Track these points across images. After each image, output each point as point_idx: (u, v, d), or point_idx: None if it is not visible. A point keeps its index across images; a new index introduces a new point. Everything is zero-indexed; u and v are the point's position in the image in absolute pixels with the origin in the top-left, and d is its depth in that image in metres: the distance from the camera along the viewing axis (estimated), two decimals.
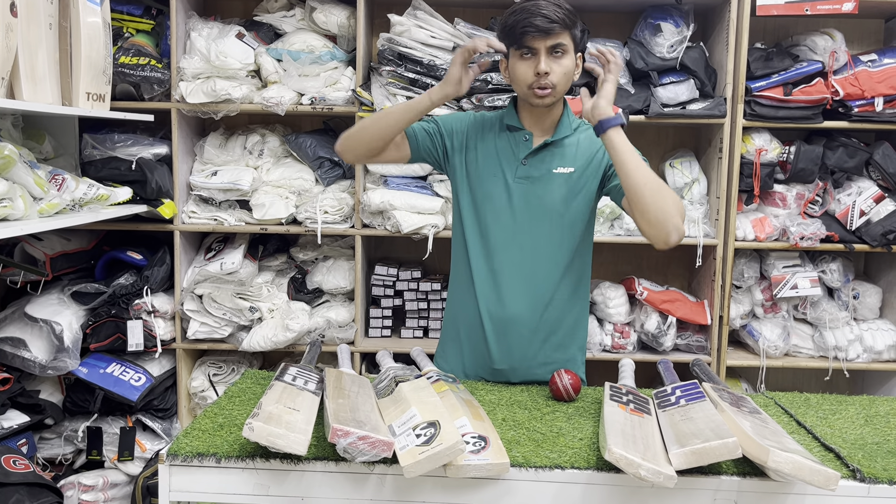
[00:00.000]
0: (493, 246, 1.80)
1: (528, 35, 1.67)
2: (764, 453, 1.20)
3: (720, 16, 2.82)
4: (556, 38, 1.68)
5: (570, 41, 1.72)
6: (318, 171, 2.81)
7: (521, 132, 1.80)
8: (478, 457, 1.26)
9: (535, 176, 1.78)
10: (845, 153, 2.81)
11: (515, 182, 1.78)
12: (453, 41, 2.70)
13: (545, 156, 1.79)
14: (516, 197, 1.78)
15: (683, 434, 1.30)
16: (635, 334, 2.89)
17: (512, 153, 1.80)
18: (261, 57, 2.74)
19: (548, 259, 1.80)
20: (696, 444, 1.23)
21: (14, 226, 1.92)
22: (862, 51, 2.95)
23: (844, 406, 1.71)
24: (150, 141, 2.75)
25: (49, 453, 2.70)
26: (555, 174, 1.78)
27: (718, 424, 1.30)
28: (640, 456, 1.21)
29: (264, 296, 2.81)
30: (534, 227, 1.78)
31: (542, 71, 1.68)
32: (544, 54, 1.68)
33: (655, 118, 2.74)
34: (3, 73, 1.97)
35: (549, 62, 1.69)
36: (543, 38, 1.67)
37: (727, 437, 1.22)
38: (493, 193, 1.79)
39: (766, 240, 2.81)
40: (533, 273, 1.79)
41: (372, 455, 1.23)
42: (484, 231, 1.81)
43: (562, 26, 1.67)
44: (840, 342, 2.87)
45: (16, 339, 2.53)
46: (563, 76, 1.72)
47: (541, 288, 1.80)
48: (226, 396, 1.64)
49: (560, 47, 1.69)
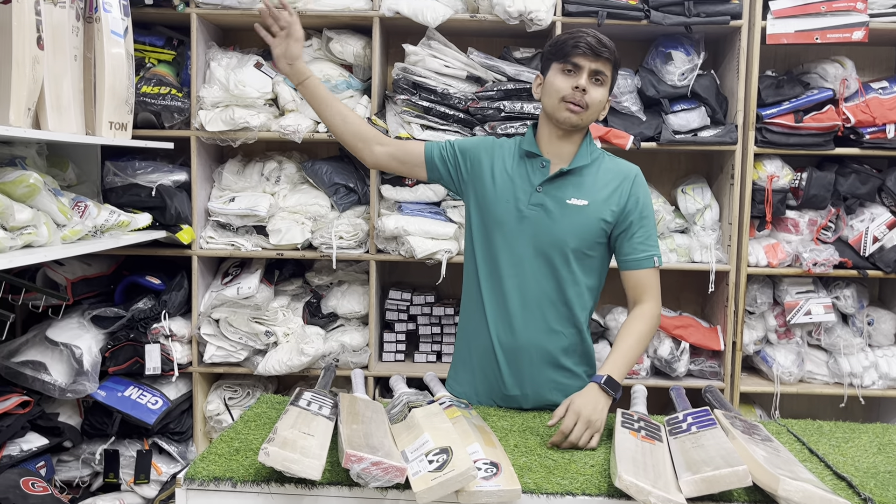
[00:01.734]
0: (503, 272, 1.82)
1: (577, 51, 1.73)
2: (774, 482, 1.21)
3: (731, 44, 2.85)
4: (601, 65, 1.74)
5: (610, 74, 1.77)
6: (334, 197, 2.85)
7: (539, 158, 1.81)
8: (490, 483, 1.28)
9: (548, 205, 1.78)
10: (858, 179, 2.82)
11: (528, 209, 1.79)
12: (467, 70, 2.75)
13: (561, 184, 1.79)
14: (528, 224, 1.79)
15: (694, 461, 1.31)
16: (648, 360, 2.89)
17: (528, 179, 1.80)
18: (278, 86, 2.80)
19: (557, 290, 1.80)
20: (707, 471, 1.24)
21: (38, 252, 1.97)
22: (873, 78, 2.96)
23: (857, 434, 1.71)
24: (170, 168, 2.80)
25: (67, 476, 2.72)
26: (568, 205, 1.78)
27: (729, 452, 1.31)
28: (650, 483, 1.22)
29: (280, 320, 2.84)
30: (543, 255, 1.79)
31: (582, 86, 1.72)
32: (586, 74, 1.73)
33: (667, 145, 2.77)
34: (30, 104, 2.03)
35: (588, 83, 1.74)
36: (591, 59, 1.73)
37: (737, 465, 1.23)
38: (505, 219, 1.80)
39: (779, 266, 2.81)
40: (543, 300, 1.81)
41: (385, 481, 1.25)
42: (494, 256, 1.82)
43: (610, 55, 1.75)
44: (855, 369, 2.86)
45: (37, 363, 2.57)
46: (597, 102, 1.76)
47: (551, 315, 1.81)
48: (242, 421, 1.67)
49: (601, 75, 1.75)
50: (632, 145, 2.73)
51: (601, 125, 2.76)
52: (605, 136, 2.73)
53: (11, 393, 2.44)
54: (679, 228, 2.95)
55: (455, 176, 1.89)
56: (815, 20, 2.70)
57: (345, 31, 2.85)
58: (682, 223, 2.95)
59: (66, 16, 2.21)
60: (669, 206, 2.93)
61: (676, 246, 2.87)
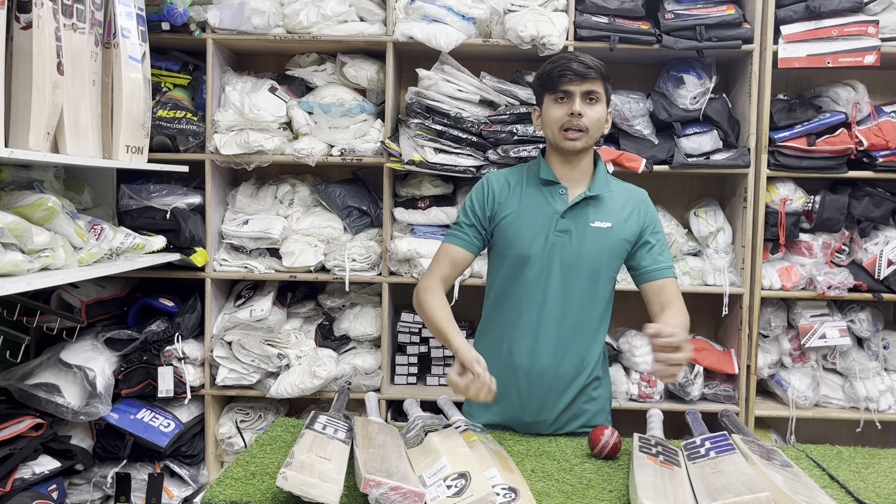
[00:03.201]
0: (528, 300, 1.81)
1: (564, 79, 1.74)
2: None
3: (742, 68, 2.86)
4: (590, 85, 1.75)
5: (603, 91, 1.78)
6: (347, 220, 2.87)
7: (557, 186, 1.82)
8: None
9: (573, 230, 1.79)
10: (871, 203, 2.81)
11: (554, 235, 1.79)
12: (480, 94, 2.77)
13: (583, 209, 1.81)
14: (555, 251, 1.79)
15: (715, 487, 1.29)
16: (662, 383, 2.87)
17: (550, 207, 1.80)
18: (292, 110, 2.83)
19: (581, 312, 1.81)
20: (729, 498, 1.23)
21: (55, 275, 1.98)
22: (885, 101, 2.97)
23: (877, 459, 1.69)
24: (185, 191, 2.83)
25: (78, 499, 2.72)
26: (592, 228, 1.80)
27: (750, 478, 1.30)
28: None
29: (292, 342, 2.84)
30: (569, 280, 1.79)
31: (576, 111, 1.74)
32: (579, 98, 1.75)
33: (679, 168, 2.77)
34: (49, 128, 2.06)
35: (582, 106, 1.75)
36: (579, 83, 1.74)
37: (760, 492, 1.22)
38: (532, 249, 1.80)
39: (793, 289, 2.80)
40: (566, 326, 1.80)
41: None
42: (521, 285, 1.81)
43: (597, 73, 1.75)
44: (871, 393, 2.83)
45: (50, 385, 2.57)
46: (595, 122, 1.77)
47: (574, 341, 1.81)
48: (257, 444, 1.66)
49: (594, 94, 1.76)
50: (644, 168, 2.73)
51: (613, 148, 2.77)
52: (618, 159, 2.74)
53: (24, 416, 2.45)
54: (692, 251, 2.95)
55: (487, 237, 1.87)
56: (827, 44, 2.71)
57: (359, 56, 2.88)
58: (694, 246, 2.94)
59: (86, 42, 2.24)
60: (682, 228, 2.93)
61: (690, 269, 2.87)
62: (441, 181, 2.88)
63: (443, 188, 2.88)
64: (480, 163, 2.74)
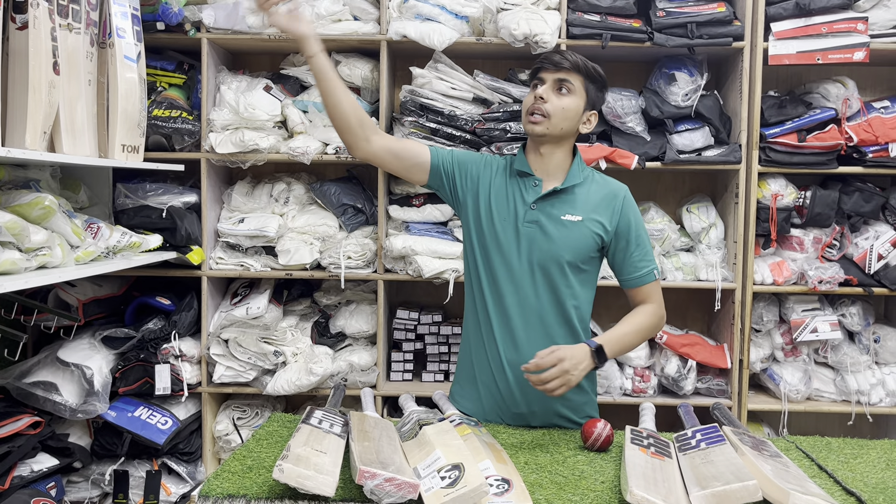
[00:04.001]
0: (503, 289, 1.84)
1: (541, 68, 1.81)
2: (784, 496, 1.22)
3: (733, 65, 2.89)
4: (564, 74, 1.79)
5: (579, 85, 1.81)
6: (342, 218, 2.88)
7: (531, 178, 1.85)
8: (502, 499, 1.29)
9: (543, 221, 1.82)
10: (861, 198, 2.84)
11: (524, 226, 1.82)
12: (473, 92, 2.79)
13: (554, 202, 1.83)
14: (524, 241, 1.82)
15: (704, 477, 1.32)
16: (655, 378, 2.90)
17: (521, 198, 1.84)
18: (287, 108, 2.85)
19: (555, 305, 1.83)
20: (717, 486, 1.25)
21: (52, 273, 2.00)
22: (875, 97, 3.00)
23: (866, 450, 1.72)
24: (180, 189, 2.84)
25: (76, 496, 2.73)
26: (563, 221, 1.82)
27: (739, 467, 1.32)
28: (661, 498, 1.23)
29: (288, 340, 2.86)
30: (542, 270, 1.82)
31: (539, 95, 1.78)
32: (549, 84, 1.79)
33: (671, 164, 2.80)
34: (45, 128, 2.07)
35: (549, 93, 1.79)
36: (553, 71, 1.79)
37: (747, 480, 1.24)
38: (502, 237, 1.84)
39: (785, 283, 2.83)
40: (545, 315, 1.83)
41: (398, 497, 1.26)
42: (494, 273, 1.85)
43: (573, 67, 1.79)
44: (862, 386, 2.86)
45: (48, 384, 2.59)
46: (560, 110, 1.79)
47: (553, 329, 1.84)
48: (254, 439, 1.68)
49: (566, 84, 1.79)
50: (637, 165, 2.75)
51: (606, 145, 2.80)
52: (611, 156, 2.76)
53: (23, 414, 2.46)
54: (684, 247, 2.97)
55: (450, 186, 1.90)
56: (817, 41, 2.74)
57: (353, 55, 2.90)
58: (687, 242, 2.97)
59: (81, 41, 2.25)
60: (675, 224, 2.95)
61: (682, 264, 2.89)
62: None
63: None
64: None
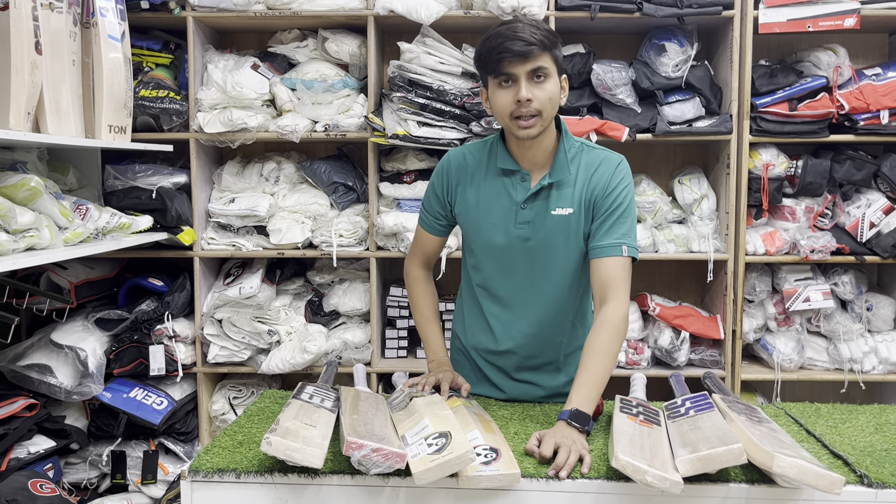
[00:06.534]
0: (497, 287, 1.78)
1: (504, 61, 1.54)
2: (769, 459, 1.22)
3: (723, 34, 2.87)
4: (535, 62, 1.55)
5: (551, 63, 1.58)
6: (333, 196, 2.88)
7: (518, 174, 1.70)
8: (489, 468, 1.30)
9: (534, 219, 1.70)
10: (853, 166, 2.83)
11: (517, 227, 1.70)
12: (462, 66, 2.77)
13: (544, 196, 1.69)
14: (516, 241, 1.71)
15: (690, 441, 1.32)
16: (649, 350, 2.91)
17: (510, 197, 1.70)
18: (275, 87, 2.83)
19: (555, 303, 1.75)
20: (702, 450, 1.26)
21: (41, 254, 1.99)
22: (866, 65, 2.98)
23: (855, 415, 1.73)
24: (170, 170, 2.83)
25: (74, 478, 2.75)
26: (553, 216, 1.69)
27: (725, 432, 1.32)
28: (646, 463, 1.24)
29: (282, 319, 2.86)
30: (538, 272, 1.74)
31: (524, 98, 1.55)
32: (524, 80, 1.56)
33: (663, 136, 2.78)
34: (29, 108, 2.06)
35: (530, 88, 1.56)
36: (522, 63, 1.55)
37: (732, 444, 1.25)
38: (494, 240, 1.73)
39: (777, 253, 2.83)
40: (540, 317, 1.77)
41: (385, 467, 1.27)
42: (488, 272, 1.78)
43: (541, 48, 1.55)
44: (855, 354, 2.87)
45: (42, 366, 2.59)
46: (547, 102, 1.58)
47: (548, 326, 1.78)
48: (245, 415, 1.69)
49: (541, 71, 1.57)
50: (627, 137, 2.74)
51: (597, 118, 2.78)
52: (601, 128, 2.75)
53: (18, 396, 2.46)
54: (677, 219, 2.97)
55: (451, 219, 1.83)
56: (807, 8, 2.71)
57: (340, 31, 2.88)
58: (679, 213, 2.96)
59: (64, 21, 2.23)
60: (667, 196, 2.95)
61: (675, 236, 2.89)
62: (426, 155, 2.89)
63: (428, 162, 2.89)
64: (464, 135, 2.75)
